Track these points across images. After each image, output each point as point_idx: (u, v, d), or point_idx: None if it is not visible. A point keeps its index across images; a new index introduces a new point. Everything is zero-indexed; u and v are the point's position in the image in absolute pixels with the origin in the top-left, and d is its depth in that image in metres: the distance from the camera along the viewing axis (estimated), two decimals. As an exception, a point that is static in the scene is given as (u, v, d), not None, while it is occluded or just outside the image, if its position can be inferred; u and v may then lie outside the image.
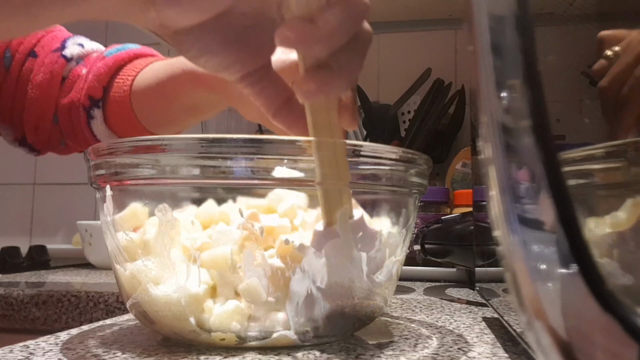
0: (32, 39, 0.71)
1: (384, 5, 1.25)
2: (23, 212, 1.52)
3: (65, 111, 0.70)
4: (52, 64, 0.70)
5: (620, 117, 0.24)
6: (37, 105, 0.70)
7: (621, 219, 0.23)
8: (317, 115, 0.35)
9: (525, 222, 0.17)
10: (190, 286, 0.35)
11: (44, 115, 0.71)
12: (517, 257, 0.18)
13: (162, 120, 0.68)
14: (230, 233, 0.36)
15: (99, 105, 0.68)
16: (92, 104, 0.68)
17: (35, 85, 0.70)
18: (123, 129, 0.69)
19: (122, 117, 0.67)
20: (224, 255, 0.35)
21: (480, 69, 0.19)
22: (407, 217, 0.42)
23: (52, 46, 0.72)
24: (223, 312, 0.35)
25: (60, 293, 0.78)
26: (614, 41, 0.24)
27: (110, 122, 0.68)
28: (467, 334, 0.44)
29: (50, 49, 0.71)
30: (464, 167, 1.17)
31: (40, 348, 0.37)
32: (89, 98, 0.68)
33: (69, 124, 0.70)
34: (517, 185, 0.18)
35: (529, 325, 0.18)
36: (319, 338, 0.37)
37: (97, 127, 0.68)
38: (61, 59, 0.71)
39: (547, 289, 0.17)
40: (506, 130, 0.18)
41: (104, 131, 0.69)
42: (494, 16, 0.19)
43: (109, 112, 0.68)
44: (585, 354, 0.16)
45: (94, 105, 0.68)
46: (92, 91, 0.67)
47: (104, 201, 0.39)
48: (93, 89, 0.67)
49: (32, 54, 0.71)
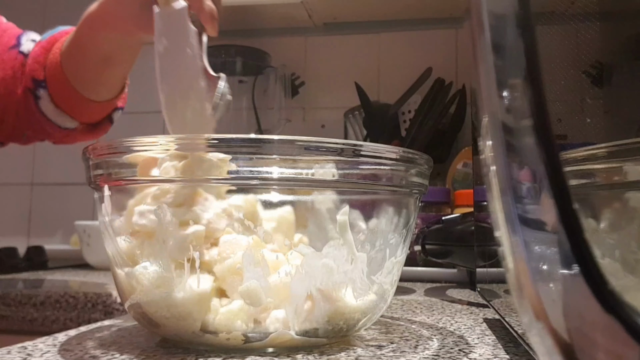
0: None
1: (384, 4, 1.25)
2: (21, 212, 1.52)
3: (21, 101, 0.74)
4: (11, 60, 0.74)
5: None
6: (1, 101, 0.74)
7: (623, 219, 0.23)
8: None
9: (526, 223, 0.17)
10: (193, 287, 0.35)
11: (7, 109, 0.75)
12: (518, 258, 0.17)
13: (89, 78, 0.73)
14: (238, 241, 0.36)
15: (42, 85, 0.72)
16: (35, 85, 0.72)
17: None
18: (66, 102, 0.73)
19: (62, 90, 0.72)
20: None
21: (481, 68, 0.19)
22: (407, 218, 0.41)
23: (8, 44, 0.76)
24: (228, 312, 0.35)
25: (58, 294, 0.78)
26: None
27: (54, 97, 0.73)
28: (468, 335, 0.44)
29: (7, 46, 0.76)
30: (464, 167, 1.16)
31: (38, 349, 0.37)
32: (32, 80, 0.72)
33: (25, 112, 0.74)
34: (519, 186, 0.17)
35: (530, 327, 0.18)
36: (319, 338, 0.37)
37: (45, 106, 0.73)
38: (20, 55, 0.75)
39: (548, 289, 0.17)
40: (507, 129, 0.18)
41: (53, 110, 0.73)
42: (495, 15, 0.19)
43: (52, 89, 0.72)
44: (587, 355, 0.16)
45: (38, 86, 0.72)
46: (34, 73, 0.72)
47: (102, 201, 0.39)
48: (34, 71, 0.72)
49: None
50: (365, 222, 0.40)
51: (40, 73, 0.72)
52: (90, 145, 0.38)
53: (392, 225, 0.41)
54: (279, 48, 1.36)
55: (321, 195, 0.38)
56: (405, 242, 0.42)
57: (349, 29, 1.37)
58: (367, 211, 0.40)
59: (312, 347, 0.37)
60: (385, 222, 0.40)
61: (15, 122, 0.76)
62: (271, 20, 1.31)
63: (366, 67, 1.37)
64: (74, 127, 0.76)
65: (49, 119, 0.74)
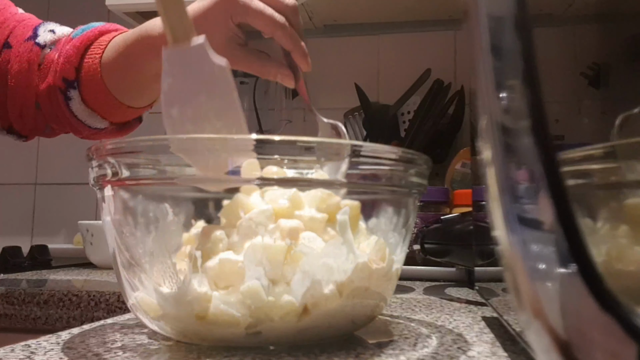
0: (5, 31, 0.74)
1: (384, 6, 1.25)
2: (24, 211, 1.53)
3: (44, 96, 0.72)
4: (27, 53, 0.72)
5: None
6: (18, 94, 0.72)
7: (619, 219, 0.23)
8: None
9: (524, 222, 0.17)
10: (195, 285, 0.35)
11: (25, 102, 0.73)
12: (516, 257, 0.18)
13: (134, 91, 0.71)
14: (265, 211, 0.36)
15: (74, 85, 0.70)
16: (67, 85, 0.70)
17: (14, 75, 0.72)
18: (101, 105, 0.71)
19: (97, 94, 0.70)
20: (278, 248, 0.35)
21: (480, 69, 0.19)
22: (406, 217, 0.42)
23: (24, 35, 0.74)
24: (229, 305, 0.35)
25: (61, 292, 0.78)
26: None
27: (87, 100, 0.71)
28: (466, 333, 0.44)
29: (23, 38, 0.74)
30: (463, 167, 1.17)
31: (42, 347, 0.37)
32: (63, 80, 0.70)
33: (50, 109, 0.72)
34: (517, 185, 0.18)
35: (528, 325, 0.18)
36: (318, 337, 0.37)
37: (75, 107, 0.71)
38: (35, 46, 0.73)
39: (546, 288, 0.17)
40: (505, 130, 0.18)
41: (84, 110, 0.71)
42: (493, 17, 0.19)
43: (84, 91, 0.70)
44: (584, 353, 0.16)
45: (69, 87, 0.70)
46: (65, 73, 0.70)
47: (105, 201, 0.39)
48: (65, 71, 0.70)
49: (6, 45, 0.73)
50: (365, 221, 0.40)
51: (72, 73, 0.70)
52: (93, 145, 0.39)
53: (392, 224, 0.41)
54: (280, 49, 1.36)
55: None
56: (404, 241, 0.42)
57: (349, 31, 1.37)
58: (367, 211, 0.40)
59: (311, 346, 0.37)
60: (384, 221, 0.41)
61: (36, 116, 0.74)
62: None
63: (366, 68, 1.37)
64: (104, 127, 0.75)
65: (79, 119, 0.72)
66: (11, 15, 0.76)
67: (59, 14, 1.51)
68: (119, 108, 0.72)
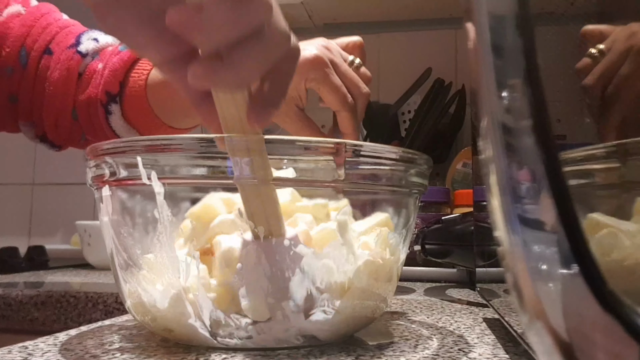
0: (47, 36, 0.72)
1: (384, 5, 1.25)
2: (22, 212, 1.52)
3: (83, 107, 0.70)
4: (68, 61, 0.70)
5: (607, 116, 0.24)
6: (55, 102, 0.70)
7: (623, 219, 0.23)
8: (226, 110, 0.34)
9: (525, 222, 0.17)
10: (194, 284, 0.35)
11: (62, 111, 0.71)
12: (517, 258, 0.17)
13: (180, 113, 0.69)
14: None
15: (116, 100, 0.68)
16: (109, 99, 0.68)
17: (53, 83, 0.70)
18: (142, 123, 0.69)
19: (139, 112, 0.68)
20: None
21: (481, 68, 0.19)
22: (407, 217, 0.42)
23: (67, 42, 0.72)
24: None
25: (59, 293, 0.78)
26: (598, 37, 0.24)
27: (128, 116, 0.69)
28: (467, 334, 0.44)
29: (66, 45, 0.71)
30: (464, 167, 1.16)
31: (39, 349, 0.37)
32: (106, 93, 0.68)
33: (87, 120, 0.70)
34: (518, 185, 0.17)
35: (529, 326, 0.18)
36: (318, 339, 0.37)
37: (115, 122, 0.69)
38: (77, 55, 0.71)
39: (547, 289, 0.17)
40: (507, 130, 0.18)
41: (123, 126, 0.69)
42: (494, 16, 0.19)
43: (127, 107, 0.68)
44: (586, 354, 0.16)
45: (112, 101, 0.68)
46: (109, 86, 0.68)
47: (102, 201, 0.39)
48: (110, 84, 0.68)
49: (47, 51, 0.71)
50: (365, 222, 0.40)
51: (116, 87, 0.68)
52: (91, 145, 0.39)
53: (392, 225, 0.41)
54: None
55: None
56: (405, 242, 0.42)
57: (349, 30, 1.37)
58: (367, 211, 0.40)
59: (311, 347, 0.37)
60: (385, 222, 0.41)
61: (72, 126, 0.72)
62: (271, 21, 1.31)
63: (366, 67, 1.37)
64: None
65: (117, 134, 0.70)
66: (55, 21, 0.74)
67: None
68: (159, 127, 0.69)
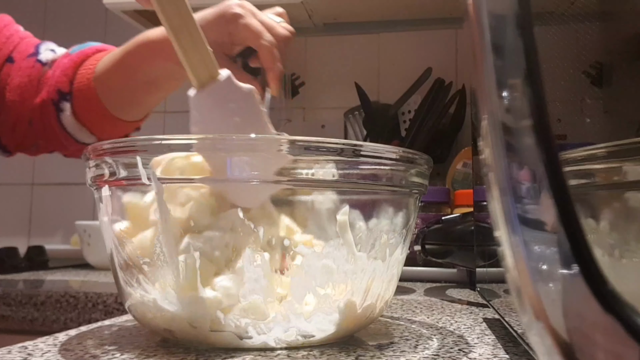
0: (10, 46, 0.76)
1: (384, 4, 1.25)
2: (21, 212, 1.52)
3: (37, 111, 0.73)
4: (29, 69, 0.74)
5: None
6: (14, 108, 0.74)
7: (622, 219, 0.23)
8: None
9: (526, 223, 0.17)
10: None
11: (20, 117, 0.74)
12: (518, 258, 0.17)
13: (126, 100, 0.72)
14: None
15: (67, 98, 0.71)
16: (60, 97, 0.71)
17: (13, 89, 0.73)
18: (92, 120, 0.73)
19: (89, 106, 0.71)
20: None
21: (481, 68, 0.19)
22: (407, 218, 0.41)
23: (27, 52, 0.76)
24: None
25: (58, 294, 0.78)
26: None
27: (78, 114, 0.72)
28: (467, 334, 0.44)
29: (26, 54, 0.75)
30: (464, 167, 1.16)
31: (39, 349, 0.37)
32: (57, 92, 0.71)
33: (40, 124, 0.73)
34: (518, 186, 0.17)
35: (530, 326, 0.18)
36: (318, 338, 0.37)
37: (66, 120, 0.72)
38: (37, 63, 0.75)
39: (548, 289, 0.17)
40: (507, 130, 0.18)
41: (74, 124, 0.72)
42: (494, 15, 0.19)
43: (77, 104, 0.71)
44: (586, 354, 0.16)
45: (62, 99, 0.71)
46: (60, 85, 0.71)
47: (102, 201, 0.39)
48: (61, 83, 0.71)
49: (9, 59, 0.75)
50: (365, 222, 0.40)
51: (67, 86, 0.71)
52: (90, 145, 0.39)
53: (392, 225, 0.41)
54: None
55: (321, 195, 0.38)
56: (405, 242, 0.42)
57: (349, 29, 1.37)
58: (367, 211, 0.40)
59: (311, 347, 0.37)
60: (385, 222, 0.40)
61: (27, 131, 0.75)
62: (271, 21, 1.31)
63: (366, 67, 1.37)
64: (91, 142, 0.75)
65: (68, 132, 0.73)
66: (15, 32, 0.78)
67: (56, 13, 1.51)
68: (109, 121, 0.73)
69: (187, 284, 0.35)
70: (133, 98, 0.72)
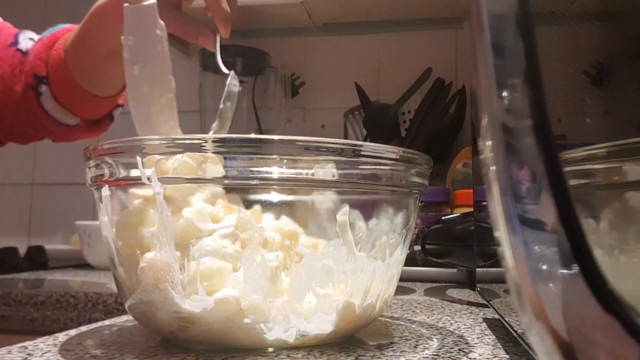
0: None
1: (384, 4, 1.25)
2: (21, 212, 1.52)
3: (20, 98, 0.73)
4: (10, 58, 0.74)
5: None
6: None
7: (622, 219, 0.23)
8: None
9: (526, 223, 0.17)
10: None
11: (5, 107, 0.74)
12: (518, 258, 0.17)
13: (94, 74, 0.72)
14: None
15: (44, 81, 0.72)
16: (37, 81, 0.72)
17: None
18: (70, 100, 0.73)
19: (65, 86, 0.72)
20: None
21: (481, 68, 0.19)
22: (407, 218, 0.41)
23: (6, 42, 0.76)
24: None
25: (58, 294, 0.78)
26: None
27: (57, 95, 0.72)
28: (468, 334, 0.44)
29: (6, 44, 0.75)
30: (464, 167, 1.16)
31: (39, 349, 0.37)
32: (34, 76, 0.72)
33: (25, 111, 0.74)
34: (518, 186, 0.17)
35: (530, 326, 0.18)
36: (318, 338, 0.37)
37: (47, 103, 0.73)
38: (18, 52, 0.75)
39: (548, 289, 0.17)
40: (507, 130, 0.18)
41: (54, 106, 0.73)
42: (494, 15, 0.19)
43: (54, 85, 0.72)
44: (586, 354, 0.16)
45: (40, 82, 0.72)
46: (36, 69, 0.72)
47: (102, 202, 0.39)
48: (36, 67, 0.72)
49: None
50: (365, 222, 0.40)
51: (42, 69, 0.72)
52: (90, 145, 0.38)
53: (392, 225, 0.41)
54: (279, 48, 1.36)
55: (321, 195, 0.38)
56: (405, 242, 0.42)
57: (349, 30, 1.37)
58: (367, 211, 0.40)
59: (311, 347, 0.37)
60: (385, 222, 0.40)
61: (14, 121, 0.75)
62: (271, 21, 1.31)
63: (366, 67, 1.37)
64: (75, 123, 0.76)
65: (50, 115, 0.73)
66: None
67: (56, 13, 1.50)
68: (86, 99, 0.73)
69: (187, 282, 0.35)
70: (99, 70, 0.72)
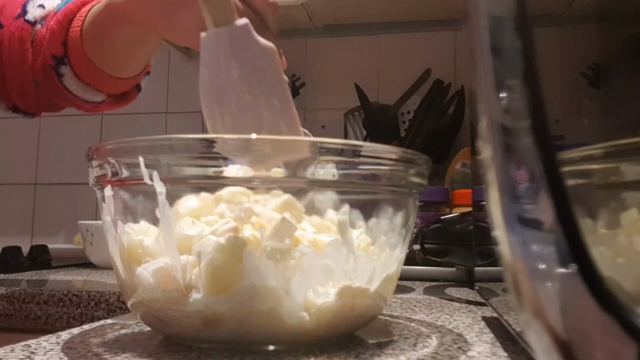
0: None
1: (384, 6, 1.25)
2: (24, 211, 1.52)
3: (41, 74, 0.71)
4: (18, 31, 0.71)
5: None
6: (15, 74, 0.71)
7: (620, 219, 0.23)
8: None
9: (524, 222, 0.17)
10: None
11: (24, 81, 0.72)
12: (516, 257, 0.18)
13: (113, 62, 0.70)
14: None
15: (64, 61, 0.69)
16: (57, 62, 0.69)
17: (8, 55, 0.71)
18: (92, 79, 0.70)
19: (86, 68, 0.69)
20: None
21: (480, 69, 0.19)
22: (406, 217, 0.42)
23: (14, 13, 0.72)
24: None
25: (61, 292, 0.78)
26: None
27: (79, 74, 0.69)
28: (466, 333, 0.44)
29: (13, 16, 0.72)
30: (463, 167, 1.17)
31: (42, 347, 0.37)
32: (52, 57, 0.69)
33: (48, 86, 0.71)
34: (517, 185, 0.18)
35: (528, 325, 0.18)
36: (319, 337, 0.37)
37: (69, 83, 0.70)
38: (26, 24, 0.71)
39: (546, 288, 0.17)
40: (505, 130, 0.18)
41: (78, 85, 0.70)
42: (493, 17, 0.19)
43: (75, 65, 0.69)
44: (584, 353, 0.16)
45: (60, 63, 0.69)
46: (54, 50, 0.69)
47: (105, 201, 0.39)
48: (53, 47, 0.69)
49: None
50: (365, 221, 0.40)
51: (60, 49, 0.68)
52: (93, 145, 0.39)
53: (392, 224, 0.41)
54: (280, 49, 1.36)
55: (321, 195, 0.38)
56: (404, 241, 0.42)
57: (349, 31, 1.37)
58: (367, 211, 0.40)
59: (311, 346, 0.37)
60: (384, 221, 0.41)
61: (36, 92, 0.73)
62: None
63: (366, 68, 1.37)
64: (101, 100, 0.74)
65: (75, 94, 0.71)
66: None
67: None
68: (107, 80, 0.70)
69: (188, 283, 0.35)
70: (120, 58, 0.70)
